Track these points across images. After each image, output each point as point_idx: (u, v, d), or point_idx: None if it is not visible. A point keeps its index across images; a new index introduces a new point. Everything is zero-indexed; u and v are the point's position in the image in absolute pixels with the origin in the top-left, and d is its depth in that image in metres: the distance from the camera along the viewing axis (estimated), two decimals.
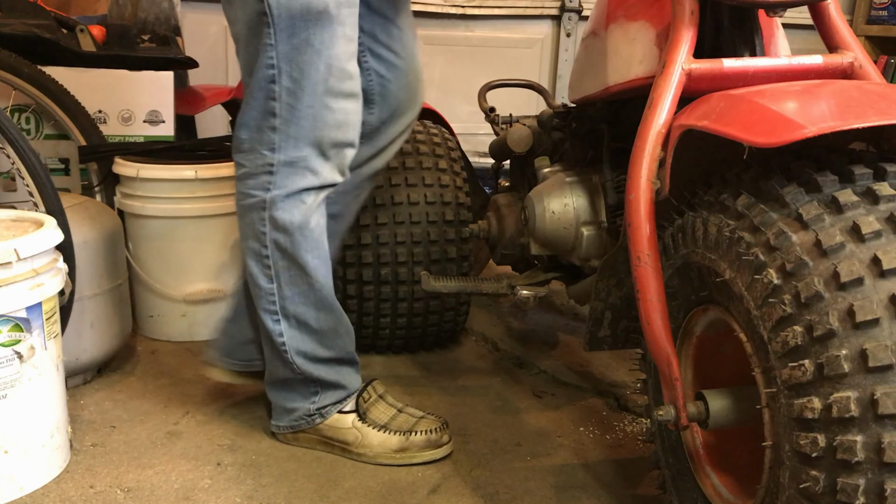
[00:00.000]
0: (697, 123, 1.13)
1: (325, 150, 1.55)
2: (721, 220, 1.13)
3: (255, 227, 1.59)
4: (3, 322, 1.46)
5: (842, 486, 0.94)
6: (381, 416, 1.72)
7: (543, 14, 3.41)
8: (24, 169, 1.72)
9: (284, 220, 1.56)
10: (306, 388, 1.69)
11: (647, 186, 1.20)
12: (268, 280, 1.62)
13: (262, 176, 1.56)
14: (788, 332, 1.00)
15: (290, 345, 1.64)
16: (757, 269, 1.05)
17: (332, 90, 1.52)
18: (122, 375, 2.06)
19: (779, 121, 1.02)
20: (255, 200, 1.58)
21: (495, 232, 2.07)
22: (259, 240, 1.60)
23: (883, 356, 0.92)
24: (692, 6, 1.24)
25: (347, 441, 1.69)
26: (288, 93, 1.50)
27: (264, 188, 1.56)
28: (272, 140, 1.53)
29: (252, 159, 1.57)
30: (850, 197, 1.02)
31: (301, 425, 1.71)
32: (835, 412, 0.94)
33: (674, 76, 1.22)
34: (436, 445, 1.68)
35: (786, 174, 1.09)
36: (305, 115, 1.52)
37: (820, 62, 1.26)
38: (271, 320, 1.63)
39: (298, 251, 1.59)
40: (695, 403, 1.22)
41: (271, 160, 1.54)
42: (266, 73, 1.50)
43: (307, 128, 1.52)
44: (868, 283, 0.95)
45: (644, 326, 1.23)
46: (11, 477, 1.52)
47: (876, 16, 3.67)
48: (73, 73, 2.38)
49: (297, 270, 1.61)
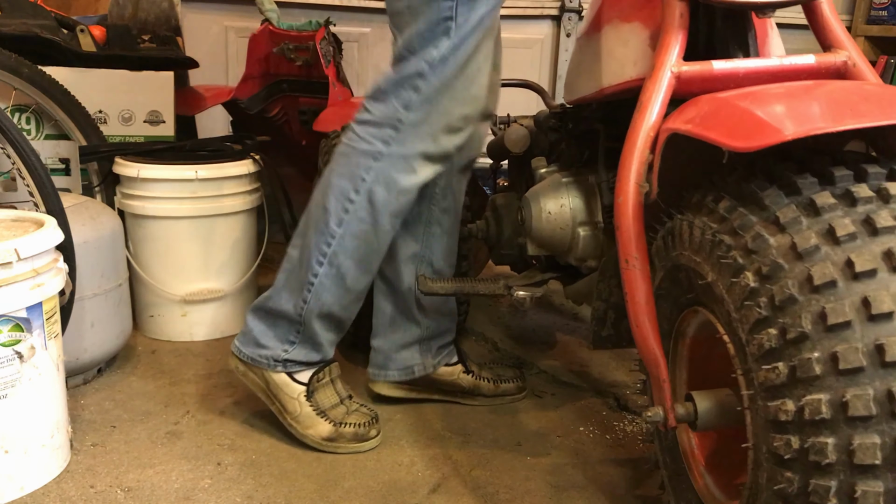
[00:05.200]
0: (682, 127, 1.13)
1: (453, 122, 1.60)
2: (705, 223, 1.13)
3: (356, 171, 1.61)
4: (4, 322, 1.47)
5: (814, 488, 0.94)
6: (326, 400, 1.77)
7: (543, 14, 3.41)
8: (25, 169, 1.73)
9: (392, 178, 1.60)
10: (289, 332, 1.72)
11: (635, 190, 1.21)
12: (338, 223, 1.64)
13: (387, 129, 1.59)
14: (764, 335, 1.00)
15: (317, 289, 1.67)
16: (735, 271, 1.06)
17: (479, 66, 1.57)
18: (123, 375, 2.07)
19: (758, 124, 1.02)
20: (370, 148, 1.60)
21: (493, 232, 2.07)
22: (354, 183, 1.62)
23: (853, 359, 0.92)
24: (682, 9, 1.24)
25: (286, 407, 1.74)
26: (441, 60, 1.53)
27: (384, 141, 1.59)
28: (410, 99, 1.56)
29: (382, 109, 1.59)
30: (827, 199, 1.02)
31: (261, 364, 1.74)
32: (807, 414, 0.94)
33: (663, 79, 1.22)
34: (362, 439, 1.74)
35: (767, 177, 1.09)
36: (450, 85, 1.56)
37: (812, 62, 1.25)
38: (316, 259, 1.66)
39: (385, 211, 1.63)
40: (683, 405, 1.22)
41: (401, 117, 1.57)
42: (437, 28, 1.52)
43: (446, 97, 1.56)
44: (841, 286, 0.95)
45: (633, 328, 1.24)
46: (11, 477, 1.54)
47: (876, 16, 3.66)
48: (73, 73, 2.38)
49: (370, 227, 1.64)
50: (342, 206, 1.63)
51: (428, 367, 1.89)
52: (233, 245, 2.31)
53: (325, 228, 1.65)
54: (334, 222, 1.64)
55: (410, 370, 1.89)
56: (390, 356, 1.88)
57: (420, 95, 1.56)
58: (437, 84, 1.55)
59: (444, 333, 1.92)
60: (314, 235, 1.66)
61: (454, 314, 1.95)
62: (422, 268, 1.83)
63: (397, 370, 1.89)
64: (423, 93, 1.56)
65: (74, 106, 2.34)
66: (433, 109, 1.57)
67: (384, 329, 1.88)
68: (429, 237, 1.82)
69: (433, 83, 1.55)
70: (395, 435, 1.80)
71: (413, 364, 1.89)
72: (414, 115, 1.57)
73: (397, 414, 1.89)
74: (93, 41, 2.45)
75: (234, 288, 2.33)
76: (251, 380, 1.78)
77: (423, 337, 1.88)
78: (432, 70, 1.54)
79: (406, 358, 1.88)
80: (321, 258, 1.66)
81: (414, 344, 1.88)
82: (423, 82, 1.55)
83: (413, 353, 1.88)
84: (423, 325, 1.87)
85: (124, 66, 2.49)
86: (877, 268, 0.95)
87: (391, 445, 1.76)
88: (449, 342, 1.94)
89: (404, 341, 1.87)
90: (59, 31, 2.39)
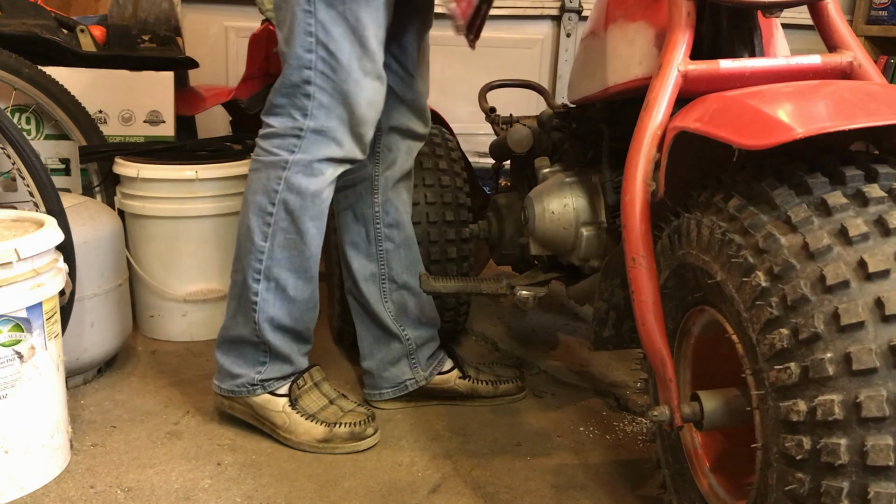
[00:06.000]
0: (690, 125, 1.13)
1: (353, 124, 1.61)
2: (713, 222, 1.13)
3: (267, 184, 1.64)
4: (4, 322, 1.47)
5: (826, 489, 0.94)
6: (312, 405, 1.77)
7: (543, 14, 3.41)
8: (25, 169, 1.73)
9: (301, 184, 1.62)
10: (256, 355, 1.74)
11: (642, 188, 1.20)
12: (262, 238, 1.66)
13: (290, 138, 1.61)
14: (775, 335, 1.00)
15: (261, 306, 1.69)
16: (746, 271, 1.05)
17: (364, 68, 1.58)
18: (123, 375, 2.06)
19: (768, 122, 1.02)
20: (276, 159, 1.63)
21: (495, 232, 2.07)
22: (268, 196, 1.64)
23: (867, 360, 0.92)
24: (688, 8, 1.24)
25: (276, 423, 1.75)
26: (324, 62, 1.56)
27: (289, 150, 1.62)
28: (305, 106, 1.59)
29: (282, 122, 1.62)
30: (839, 199, 1.01)
31: (242, 392, 1.76)
32: (819, 415, 0.94)
33: (670, 78, 1.22)
34: (358, 438, 1.74)
35: (778, 176, 1.09)
36: (338, 88, 1.57)
37: (818, 62, 1.25)
38: (252, 278, 1.68)
39: (304, 216, 1.64)
40: (689, 404, 1.22)
41: (301, 125, 1.60)
42: (304, 39, 1.55)
43: (339, 99, 1.59)
44: (854, 286, 0.95)
45: (639, 327, 1.24)
46: (12, 476, 1.53)
47: (876, 16, 3.67)
48: (73, 74, 2.38)
49: (295, 235, 1.66)
50: (263, 220, 1.65)
51: (420, 381, 1.90)
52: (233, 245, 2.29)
53: (252, 246, 1.67)
54: (259, 238, 1.66)
55: (403, 386, 1.90)
56: (381, 375, 1.90)
57: (314, 101, 1.59)
58: (329, 88, 1.58)
59: (428, 343, 1.93)
60: (245, 256, 1.68)
61: (435, 322, 1.96)
62: (385, 285, 1.86)
63: (390, 388, 1.90)
64: (316, 98, 1.58)
65: (74, 106, 2.34)
66: (331, 114, 1.60)
67: (370, 350, 1.91)
68: (382, 255, 1.85)
69: (325, 87, 1.58)
70: (395, 435, 1.80)
71: (405, 379, 1.90)
72: (312, 122, 1.60)
73: (397, 414, 1.89)
74: (93, 41, 2.44)
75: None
76: (238, 410, 1.79)
77: (408, 351, 1.89)
78: (318, 76, 1.57)
79: (396, 374, 1.89)
80: (256, 275, 1.68)
81: (401, 359, 1.89)
82: (313, 87, 1.58)
83: (403, 368, 1.89)
84: (404, 338, 1.88)
85: (124, 66, 2.49)
86: (890, 268, 0.94)
87: (391, 445, 1.75)
88: (436, 351, 1.95)
89: (390, 358, 1.89)
90: (59, 31, 2.39)
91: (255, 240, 1.66)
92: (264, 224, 1.65)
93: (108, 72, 2.46)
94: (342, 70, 1.56)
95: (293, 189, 1.62)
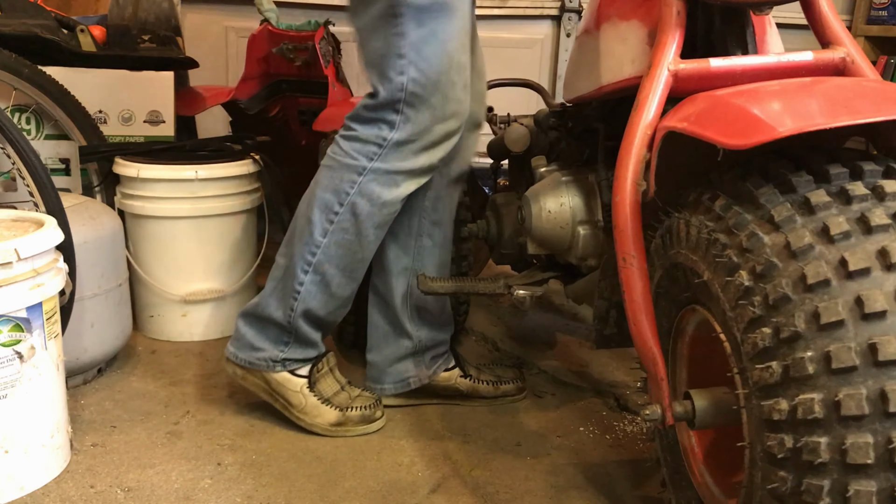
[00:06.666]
0: (678, 125, 1.13)
1: (436, 139, 1.64)
2: (701, 222, 1.13)
3: (339, 185, 1.66)
4: (4, 322, 1.47)
5: (807, 487, 0.94)
6: (328, 389, 1.81)
7: (543, 14, 3.41)
8: (25, 169, 1.73)
9: (374, 192, 1.65)
10: (281, 335, 1.77)
11: (632, 188, 1.21)
12: (322, 234, 1.68)
13: (371, 146, 1.64)
14: (758, 334, 1.00)
15: (303, 296, 1.71)
16: (731, 270, 1.05)
17: (452, 81, 1.61)
18: (123, 375, 2.07)
19: (751, 122, 1.01)
20: (354, 163, 1.65)
21: (494, 231, 2.07)
22: (338, 196, 1.66)
23: (846, 358, 0.92)
24: (678, 6, 1.23)
25: (291, 402, 1.78)
26: (414, 83, 1.58)
27: (369, 157, 1.64)
28: (393, 121, 1.62)
29: (367, 129, 1.64)
30: (822, 197, 1.01)
31: (261, 366, 1.78)
32: (800, 413, 0.94)
33: (660, 77, 1.22)
34: (369, 421, 1.80)
35: (763, 175, 1.09)
36: (428, 104, 1.61)
37: (810, 59, 1.24)
38: (301, 268, 1.70)
39: (369, 222, 1.68)
40: (681, 403, 1.22)
41: (386, 136, 1.63)
42: (396, 63, 1.57)
43: (427, 116, 1.61)
44: (834, 285, 0.95)
45: (630, 326, 1.24)
46: (12, 476, 1.54)
47: (876, 16, 3.66)
48: (73, 73, 2.39)
49: (354, 237, 1.69)
50: (326, 217, 1.68)
51: (423, 378, 1.91)
52: (233, 245, 2.31)
53: (309, 239, 1.69)
54: (318, 233, 1.68)
55: (406, 382, 1.90)
56: (384, 370, 1.90)
57: (401, 116, 1.61)
58: (418, 104, 1.60)
59: (438, 345, 1.93)
60: (299, 245, 1.70)
61: (450, 324, 1.96)
62: (413, 281, 1.85)
63: (392, 384, 1.91)
64: (404, 113, 1.61)
65: (74, 106, 2.35)
66: (415, 129, 1.62)
67: (378, 343, 1.91)
68: (420, 250, 1.84)
69: (413, 104, 1.60)
70: (395, 435, 1.80)
71: (408, 376, 1.90)
72: (397, 135, 1.62)
73: (397, 414, 1.89)
74: (93, 41, 2.45)
75: (234, 288, 2.34)
76: (251, 382, 1.80)
77: (416, 350, 1.89)
78: (409, 95, 1.59)
79: (400, 371, 1.90)
80: (306, 266, 1.70)
81: (407, 357, 1.89)
82: (402, 105, 1.60)
83: (407, 365, 1.90)
84: (415, 338, 1.88)
85: (124, 66, 2.49)
86: (870, 266, 0.94)
87: (391, 445, 1.76)
88: (443, 352, 1.95)
89: (397, 355, 1.89)
90: (59, 31, 2.39)
91: (314, 233, 1.68)
92: (327, 221, 1.68)
93: (107, 72, 2.46)
94: (431, 85, 1.59)
95: (365, 195, 1.65)
